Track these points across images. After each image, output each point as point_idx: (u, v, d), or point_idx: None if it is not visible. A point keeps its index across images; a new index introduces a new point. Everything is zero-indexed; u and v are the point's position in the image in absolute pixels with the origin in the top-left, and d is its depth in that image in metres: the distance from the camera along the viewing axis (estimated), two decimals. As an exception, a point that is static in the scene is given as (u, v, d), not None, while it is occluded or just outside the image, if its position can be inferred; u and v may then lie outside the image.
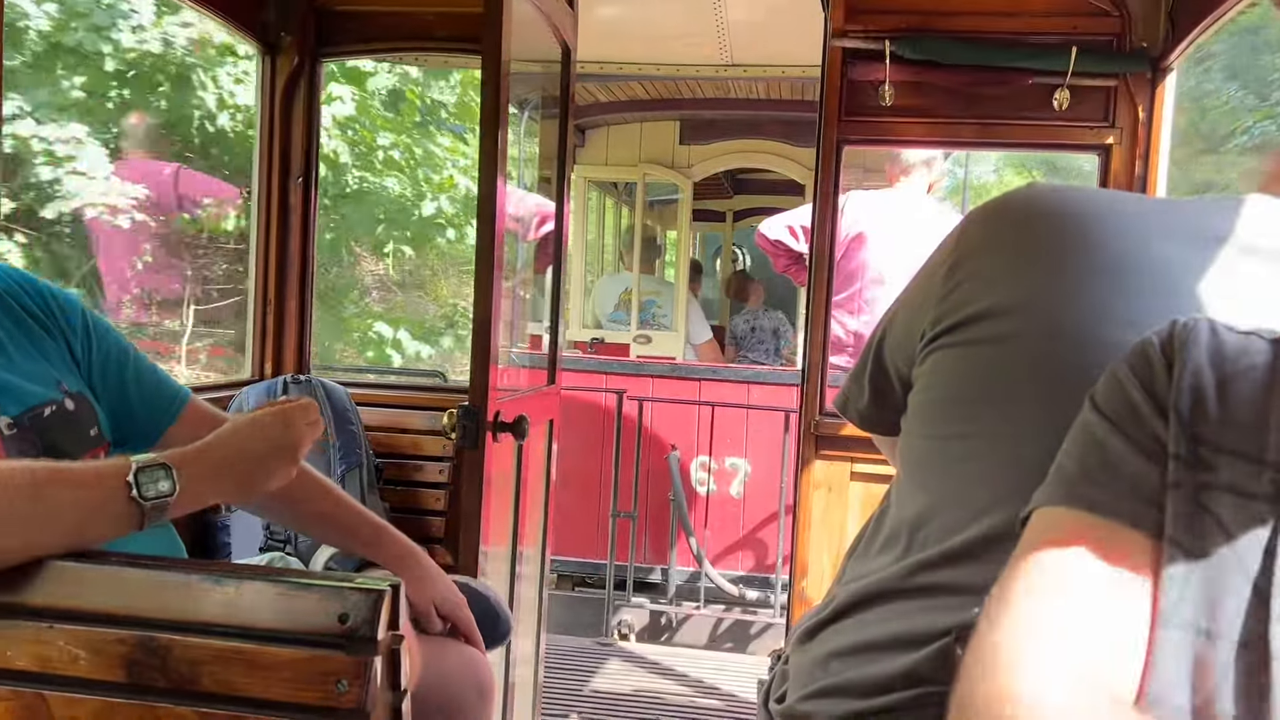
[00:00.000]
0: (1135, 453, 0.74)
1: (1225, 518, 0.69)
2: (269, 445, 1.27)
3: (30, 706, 0.96)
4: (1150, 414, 0.74)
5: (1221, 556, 0.69)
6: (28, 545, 1.02)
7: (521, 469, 2.44)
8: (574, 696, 3.41)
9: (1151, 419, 0.74)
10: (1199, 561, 0.70)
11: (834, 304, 2.86)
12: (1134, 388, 0.76)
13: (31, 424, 1.33)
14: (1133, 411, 0.75)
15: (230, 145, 7.79)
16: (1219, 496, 0.70)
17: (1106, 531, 0.73)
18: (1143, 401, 0.75)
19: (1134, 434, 0.75)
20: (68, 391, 1.41)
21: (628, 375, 4.68)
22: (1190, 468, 0.71)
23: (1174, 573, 0.70)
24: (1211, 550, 0.69)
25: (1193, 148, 9.84)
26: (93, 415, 1.44)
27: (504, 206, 2.12)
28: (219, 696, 0.94)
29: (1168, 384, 0.74)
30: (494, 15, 2.05)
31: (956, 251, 1.11)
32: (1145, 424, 0.75)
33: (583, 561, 4.68)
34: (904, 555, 1.06)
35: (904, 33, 2.56)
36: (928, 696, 0.99)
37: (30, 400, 1.34)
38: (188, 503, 1.16)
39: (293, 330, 2.77)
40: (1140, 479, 0.73)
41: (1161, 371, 0.75)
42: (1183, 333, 0.76)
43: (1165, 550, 0.71)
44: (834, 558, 2.60)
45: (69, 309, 1.51)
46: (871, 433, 1.37)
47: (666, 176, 5.95)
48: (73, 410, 1.40)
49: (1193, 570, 0.70)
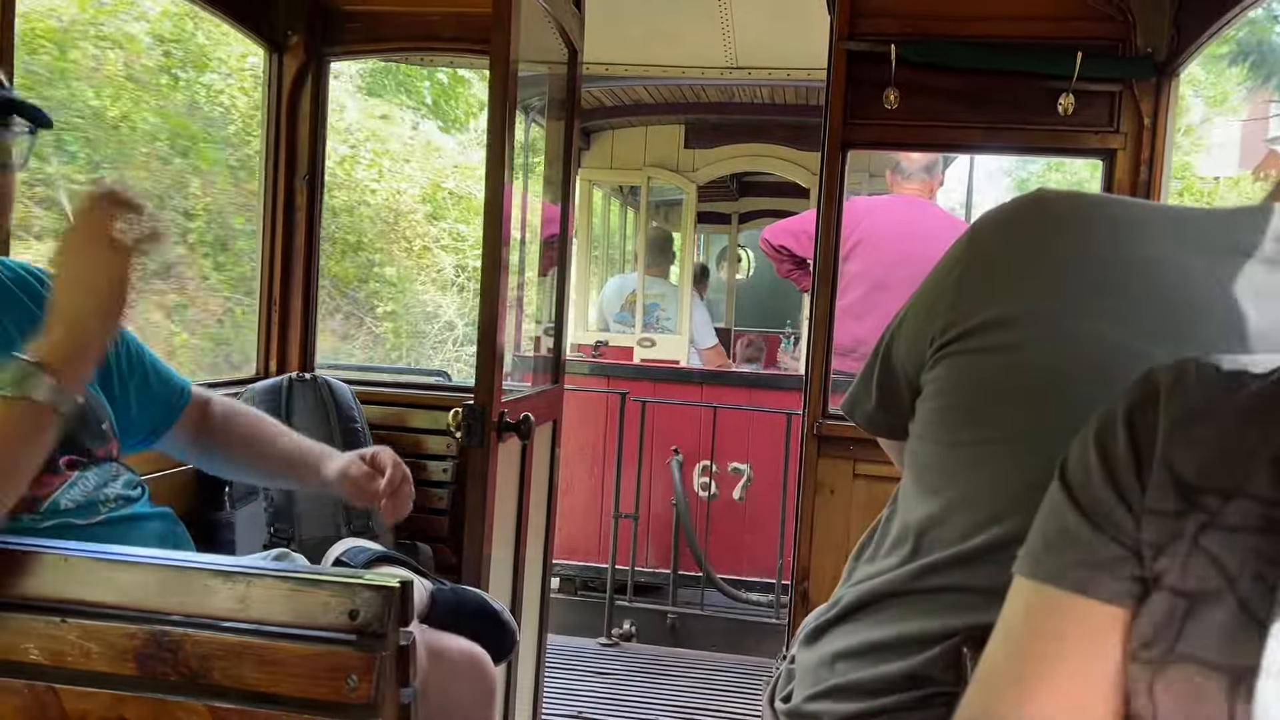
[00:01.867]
0: (1086, 523, 0.77)
1: (1217, 553, 0.72)
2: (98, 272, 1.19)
3: (42, 700, 0.96)
4: (1115, 505, 0.76)
5: (1218, 591, 0.71)
6: None
7: (525, 469, 2.44)
8: (575, 697, 3.41)
9: (1117, 511, 0.76)
10: (1196, 600, 0.72)
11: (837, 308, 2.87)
12: (1093, 455, 0.78)
13: None
14: (1087, 480, 0.78)
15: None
16: (1211, 534, 0.72)
17: (1064, 602, 0.77)
18: (1098, 470, 0.78)
19: (1086, 503, 0.78)
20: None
21: (630, 379, 4.69)
22: (1182, 516, 0.73)
23: (1168, 614, 0.73)
24: (1208, 586, 0.72)
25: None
26: (102, 410, 1.45)
27: (510, 207, 2.13)
28: (230, 691, 0.95)
29: (1129, 453, 0.76)
30: (502, 16, 2.05)
31: (966, 257, 1.11)
32: (1098, 494, 0.77)
33: (584, 565, 4.68)
34: (911, 558, 1.07)
35: (909, 36, 2.56)
36: (934, 697, 0.99)
37: None
38: (65, 350, 1.16)
39: (297, 328, 2.78)
40: (1092, 548, 0.77)
41: (1126, 458, 0.76)
42: (1168, 382, 0.77)
43: (1158, 598, 0.74)
44: (838, 560, 2.61)
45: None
46: (878, 436, 1.37)
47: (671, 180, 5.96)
48: (81, 403, 1.41)
49: (1190, 608, 0.72)
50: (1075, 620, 0.77)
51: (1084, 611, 0.77)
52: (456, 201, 11.14)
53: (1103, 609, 0.76)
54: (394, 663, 0.96)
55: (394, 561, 2.12)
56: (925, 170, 3.70)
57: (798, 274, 4.18)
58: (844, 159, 2.65)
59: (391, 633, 0.95)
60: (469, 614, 1.90)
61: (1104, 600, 0.76)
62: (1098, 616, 0.76)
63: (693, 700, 3.46)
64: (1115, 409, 0.79)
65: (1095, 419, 0.80)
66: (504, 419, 2.15)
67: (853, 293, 3.53)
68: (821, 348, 2.67)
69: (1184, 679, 0.72)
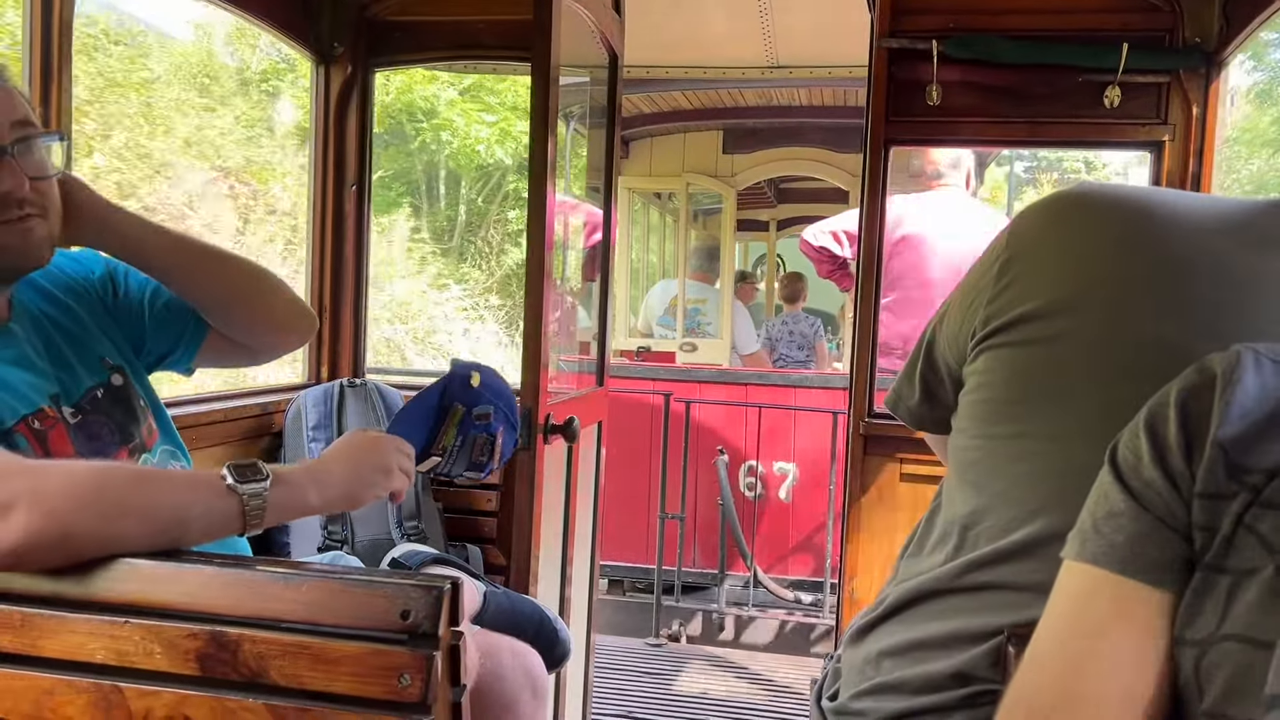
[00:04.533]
0: (1135, 505, 0.78)
1: (1265, 532, 0.72)
2: (364, 461, 1.30)
3: (108, 698, 1.00)
4: (1153, 466, 0.78)
5: (1263, 570, 0.72)
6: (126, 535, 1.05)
7: (571, 471, 2.46)
8: (625, 697, 3.43)
9: (1153, 471, 0.78)
10: (1243, 579, 0.73)
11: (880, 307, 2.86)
12: (1145, 439, 0.79)
13: (92, 407, 1.39)
14: (1138, 463, 0.79)
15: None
16: (1261, 514, 0.73)
17: (1111, 583, 0.78)
18: (1149, 454, 0.78)
19: (1136, 486, 0.79)
20: (111, 366, 1.46)
21: (674, 381, 4.70)
22: (1229, 497, 0.74)
23: (1215, 596, 0.74)
24: (1254, 565, 0.72)
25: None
26: (133, 387, 1.49)
27: (553, 214, 2.15)
28: (287, 690, 0.97)
29: (1180, 437, 0.77)
30: (544, 23, 2.07)
31: (1008, 250, 1.11)
32: (1148, 476, 0.78)
33: (632, 566, 4.69)
34: (956, 554, 1.07)
35: (951, 32, 2.54)
36: (980, 695, 0.99)
37: (84, 386, 1.40)
38: (284, 498, 1.18)
39: (348, 335, 2.82)
40: (1142, 534, 0.78)
41: (1178, 444, 0.77)
42: (1226, 372, 0.77)
43: (1204, 578, 0.75)
44: (884, 560, 2.60)
45: (91, 267, 1.55)
46: (922, 431, 1.37)
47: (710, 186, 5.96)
48: (120, 385, 1.45)
49: (1236, 588, 0.73)
50: (1122, 601, 0.78)
51: (1131, 593, 0.77)
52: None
53: (1150, 591, 0.77)
54: (445, 662, 0.98)
55: (447, 564, 2.15)
56: (952, 167, 3.67)
57: (839, 274, 4.16)
58: (886, 157, 2.64)
59: (442, 632, 0.97)
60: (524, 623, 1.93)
61: (1151, 583, 0.77)
62: (1144, 598, 0.77)
63: (741, 700, 3.47)
64: (1169, 394, 0.79)
65: (1148, 406, 0.81)
66: (550, 421, 2.17)
67: (895, 291, 3.51)
68: (866, 347, 2.66)
69: (1231, 659, 0.72)
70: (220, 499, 1.12)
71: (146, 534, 1.06)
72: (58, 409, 1.34)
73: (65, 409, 1.35)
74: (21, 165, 1.28)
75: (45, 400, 1.33)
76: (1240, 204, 1.09)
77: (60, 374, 1.38)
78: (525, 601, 2.00)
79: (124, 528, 1.04)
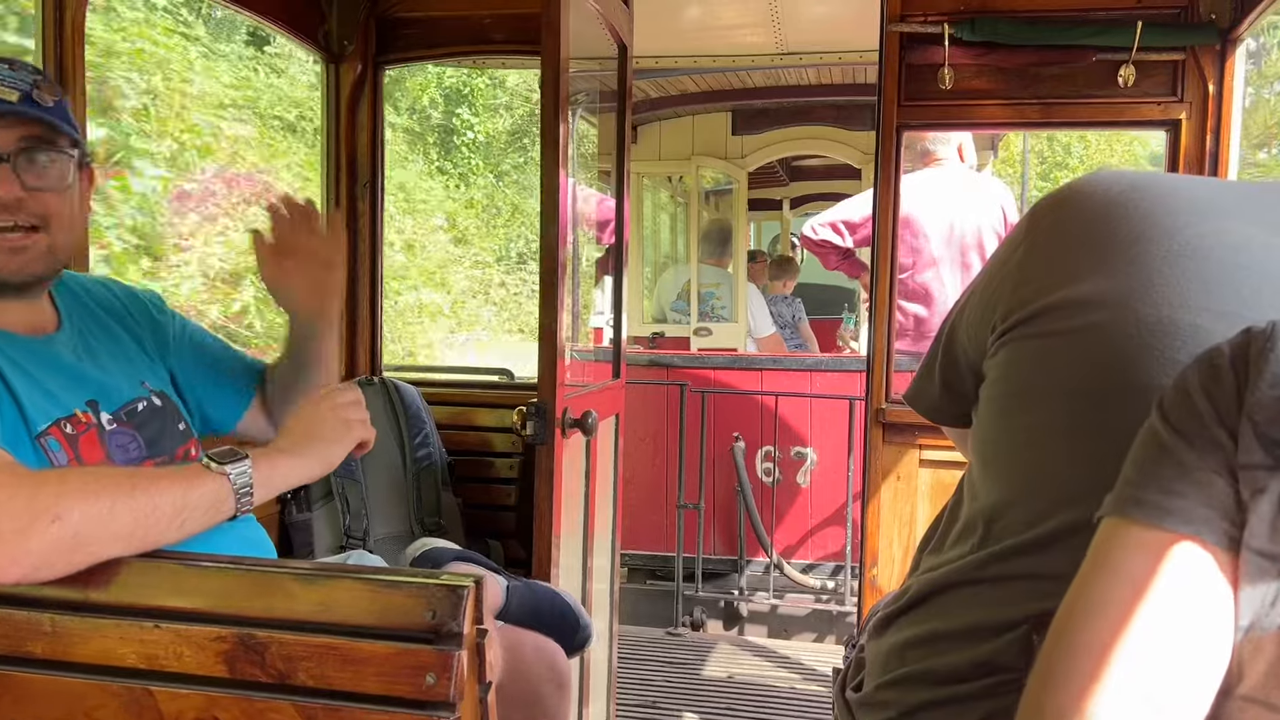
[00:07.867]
0: (1202, 464, 0.75)
1: None
2: (325, 422, 1.34)
3: (139, 701, 1.01)
4: (1216, 427, 0.75)
5: None
6: (132, 536, 1.08)
7: (590, 464, 2.47)
8: (648, 686, 3.44)
9: (1217, 431, 0.74)
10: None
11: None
12: (1201, 399, 0.76)
13: (129, 418, 1.40)
14: (1199, 423, 0.76)
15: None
16: None
17: (1173, 543, 0.74)
18: (1208, 414, 0.75)
19: (1200, 445, 0.75)
20: (151, 389, 1.47)
21: (689, 368, 4.70)
22: (1270, 471, 0.72)
23: (1259, 578, 0.71)
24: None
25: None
26: (177, 411, 1.51)
27: (567, 205, 2.15)
28: (315, 690, 0.98)
29: (1235, 398, 0.74)
30: (553, 17, 2.07)
31: (1027, 242, 1.10)
32: (1212, 436, 0.75)
33: (651, 554, 4.70)
34: (980, 546, 1.06)
35: (962, 14, 2.53)
36: (1004, 685, 0.99)
37: (124, 396, 1.41)
38: (267, 473, 1.23)
39: (364, 333, 2.84)
40: (1207, 490, 0.74)
41: (1230, 386, 0.75)
42: (1260, 340, 0.76)
43: (1246, 560, 0.72)
44: (904, 545, 2.59)
45: (149, 305, 1.58)
46: (942, 424, 1.37)
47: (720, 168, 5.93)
48: (160, 406, 1.47)
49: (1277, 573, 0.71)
50: (1188, 566, 0.73)
51: (1199, 557, 0.72)
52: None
53: (1219, 556, 0.72)
54: (470, 660, 0.99)
55: (469, 560, 2.17)
56: (941, 143, 3.65)
57: (845, 265, 4.15)
58: (899, 142, 2.63)
59: (467, 631, 0.98)
60: (545, 612, 1.94)
61: (1219, 545, 0.72)
62: (1211, 565, 0.72)
63: (763, 688, 3.48)
64: (1219, 349, 0.78)
65: (1194, 361, 0.79)
66: (567, 416, 2.18)
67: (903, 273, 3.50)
68: (883, 332, 2.65)
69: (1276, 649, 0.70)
70: (211, 483, 1.17)
71: (154, 527, 1.09)
72: (94, 414, 1.35)
73: (103, 415, 1.37)
74: (22, 175, 1.29)
75: (81, 405, 1.34)
76: (1260, 187, 1.08)
77: (103, 379, 1.40)
78: (545, 589, 2.02)
79: (131, 523, 1.07)
